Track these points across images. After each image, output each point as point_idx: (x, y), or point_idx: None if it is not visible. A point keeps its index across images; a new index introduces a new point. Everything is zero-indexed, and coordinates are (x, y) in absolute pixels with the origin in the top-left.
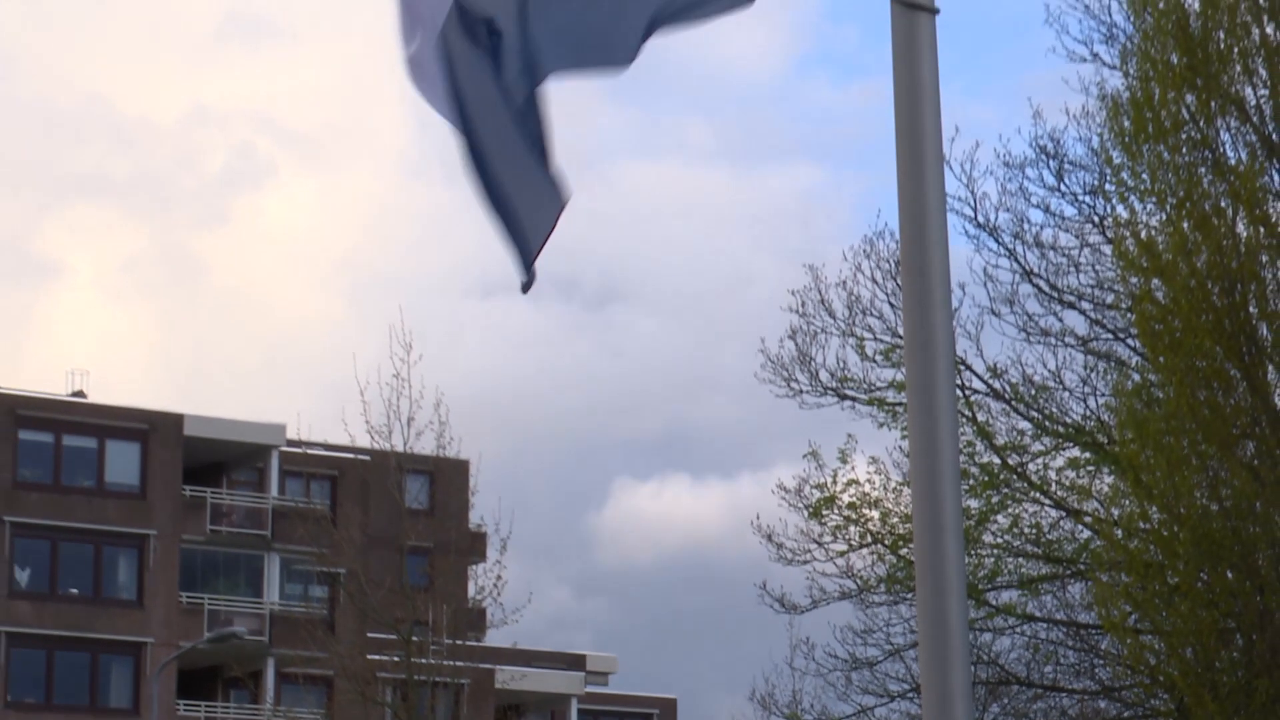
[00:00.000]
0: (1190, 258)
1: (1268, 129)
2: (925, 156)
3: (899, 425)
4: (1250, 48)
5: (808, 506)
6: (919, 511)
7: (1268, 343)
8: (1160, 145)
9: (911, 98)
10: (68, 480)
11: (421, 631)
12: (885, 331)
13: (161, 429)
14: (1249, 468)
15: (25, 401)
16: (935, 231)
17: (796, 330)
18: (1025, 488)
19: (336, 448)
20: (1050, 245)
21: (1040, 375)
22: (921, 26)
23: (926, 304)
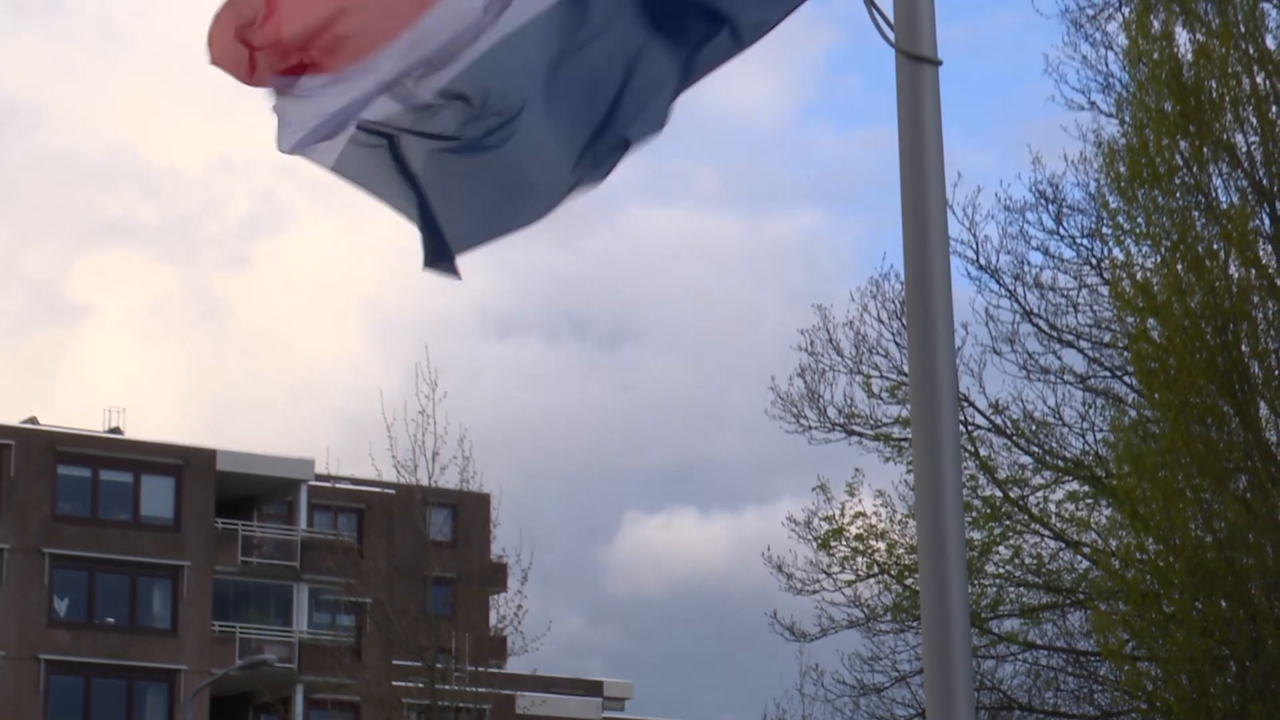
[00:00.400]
0: (1184, 298)
1: (1258, 174)
2: (929, 201)
3: (904, 460)
4: (1241, 97)
5: (817, 538)
6: (924, 543)
7: (1259, 380)
8: (1155, 190)
9: (915, 145)
10: (105, 514)
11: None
12: (891, 369)
13: (195, 464)
14: (1242, 501)
15: (64, 438)
16: (939, 273)
17: (806, 368)
18: (1026, 520)
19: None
20: (1049, 286)
21: (1040, 411)
22: (925, 77)
23: (930, 343)
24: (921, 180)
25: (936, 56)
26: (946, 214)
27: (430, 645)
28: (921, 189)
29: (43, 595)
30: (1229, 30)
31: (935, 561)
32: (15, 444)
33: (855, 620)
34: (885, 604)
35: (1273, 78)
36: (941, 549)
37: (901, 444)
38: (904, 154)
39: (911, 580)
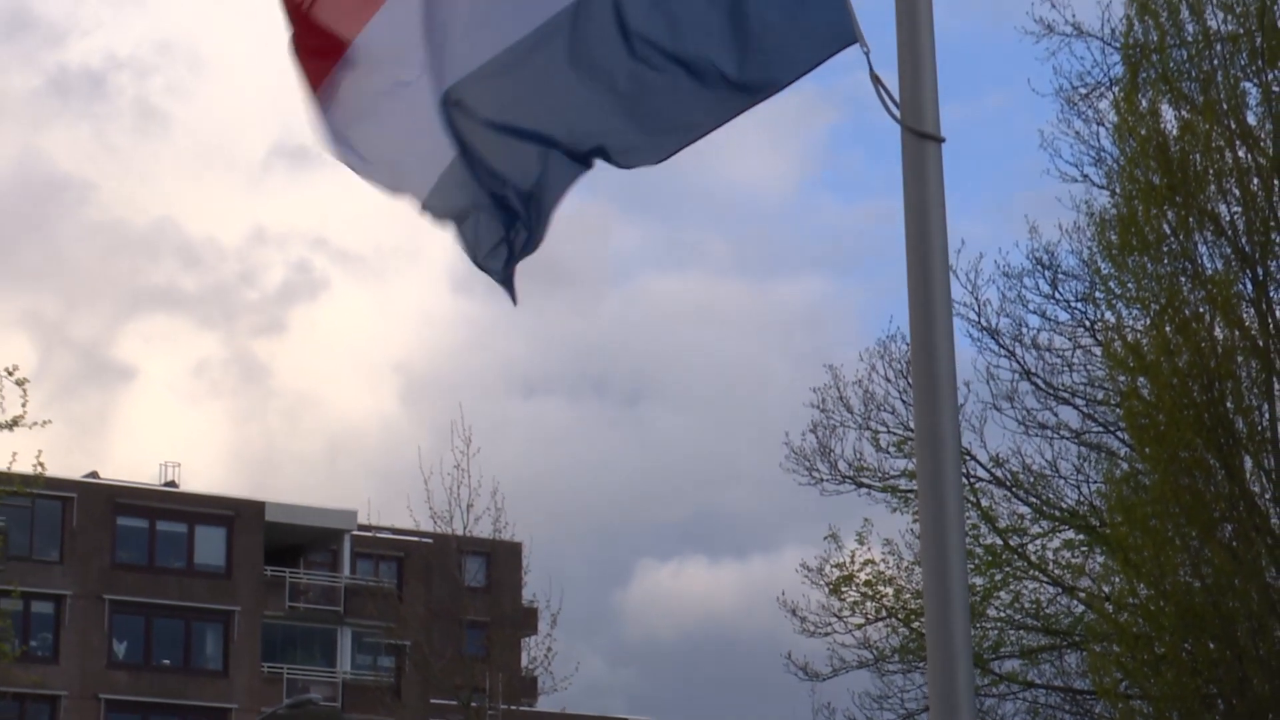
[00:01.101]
0: (1172, 358)
1: (1241, 242)
2: (933, 268)
3: (910, 510)
4: (1224, 169)
5: (829, 584)
6: (929, 588)
7: (1243, 435)
8: (1144, 257)
9: (919, 216)
10: (161, 562)
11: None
12: (898, 425)
13: (245, 515)
14: (1228, 548)
15: (123, 491)
16: (942, 335)
17: (817, 424)
18: (1025, 566)
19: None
20: (1046, 347)
21: (1038, 464)
22: (929, 153)
23: (935, 400)
24: (926, 248)
25: (940, 134)
26: (949, 279)
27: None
28: (926, 257)
29: (103, 639)
30: (1212, 107)
31: (940, 606)
32: (77, 497)
33: (865, 661)
34: (893, 646)
35: (1254, 152)
36: (946, 594)
37: (908, 495)
38: (909, 224)
39: (918, 624)
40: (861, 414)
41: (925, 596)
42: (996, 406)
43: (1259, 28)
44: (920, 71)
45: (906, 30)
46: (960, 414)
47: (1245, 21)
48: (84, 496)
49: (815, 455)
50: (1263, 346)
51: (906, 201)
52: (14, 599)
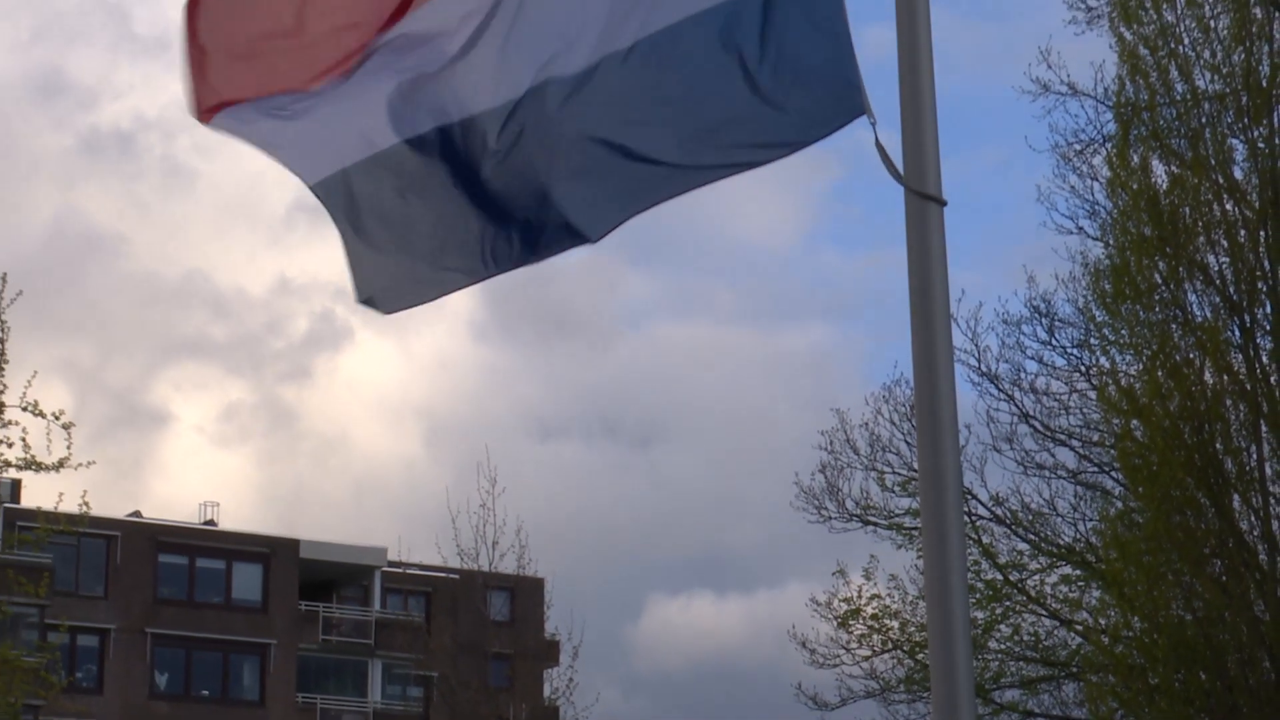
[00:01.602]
0: (1164, 402)
1: (1229, 291)
2: (935, 319)
3: (915, 547)
4: (1212, 221)
5: (837, 617)
6: (933, 622)
7: (1233, 475)
8: (1136, 305)
9: (922, 271)
10: (200, 597)
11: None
12: (902, 466)
13: (280, 552)
14: (1218, 583)
15: (164, 529)
16: (944, 380)
17: (826, 465)
18: (1024, 601)
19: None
20: (1044, 391)
21: (1036, 503)
22: (931, 214)
23: (938, 442)
24: (928, 301)
25: (941, 197)
26: (951, 328)
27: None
28: (928, 308)
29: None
30: (1201, 163)
31: (943, 638)
32: (121, 535)
33: (872, 691)
34: (899, 676)
35: (1240, 205)
36: (949, 627)
37: (912, 533)
38: (913, 279)
39: (922, 655)
40: (868, 455)
41: (929, 629)
42: (996, 448)
43: (1244, 87)
44: (922, 136)
45: (909, 96)
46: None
47: (1231, 81)
48: (127, 535)
49: (824, 495)
50: (1250, 390)
51: (910, 258)
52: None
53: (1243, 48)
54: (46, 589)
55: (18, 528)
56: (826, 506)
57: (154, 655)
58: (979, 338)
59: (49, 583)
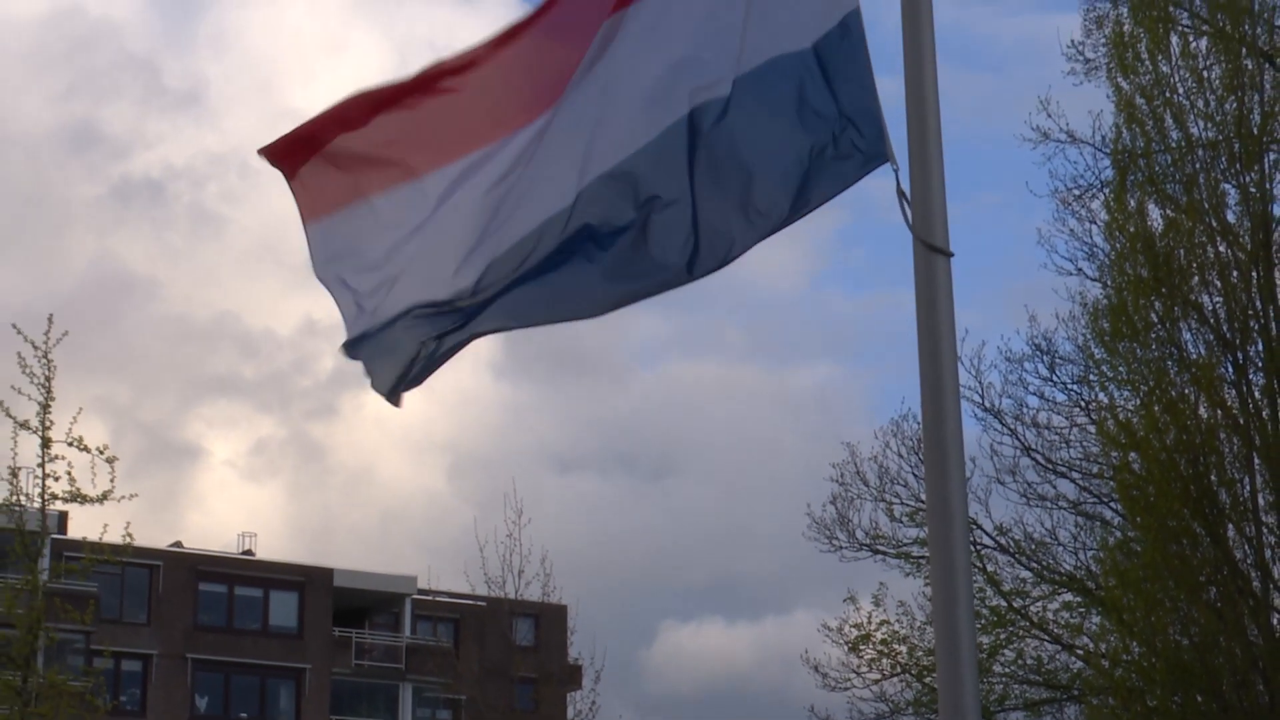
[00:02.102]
0: (1161, 435)
1: (1222, 329)
2: (942, 358)
3: (922, 575)
4: (1206, 263)
5: (848, 642)
6: (940, 646)
7: (1227, 505)
8: (1134, 343)
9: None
10: (239, 624)
11: None
12: (910, 497)
13: (315, 581)
14: (1213, 609)
15: (204, 559)
16: (950, 415)
17: (837, 497)
18: (1028, 626)
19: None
20: (1045, 426)
21: (1039, 533)
22: (938, 265)
23: (944, 474)
24: (935, 342)
25: (949, 249)
26: (957, 367)
27: None
28: (935, 349)
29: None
30: (1195, 207)
31: (950, 662)
32: (163, 564)
33: (882, 714)
34: (908, 699)
35: (1233, 247)
36: (956, 651)
37: (920, 561)
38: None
39: (930, 679)
40: (877, 487)
41: (937, 654)
42: (1000, 480)
43: (1236, 135)
44: (930, 192)
45: (917, 153)
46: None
47: (1224, 129)
48: (169, 564)
49: (835, 525)
50: (1243, 424)
51: (919, 304)
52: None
53: (1234, 97)
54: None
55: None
56: (838, 536)
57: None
58: (983, 374)
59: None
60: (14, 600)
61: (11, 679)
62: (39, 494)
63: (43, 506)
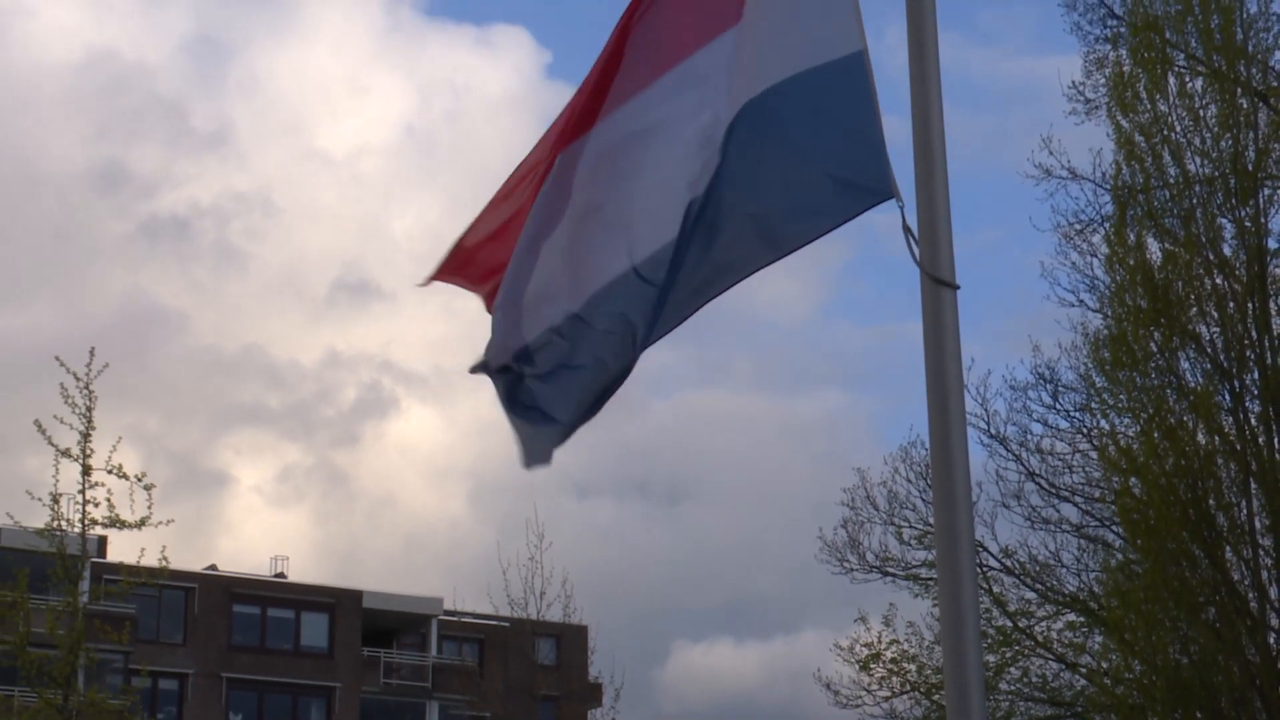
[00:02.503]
0: (1160, 461)
1: (1219, 358)
2: (948, 387)
3: (931, 596)
4: (1203, 294)
5: (858, 661)
6: (948, 665)
7: (1224, 529)
8: (1134, 372)
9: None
10: (271, 644)
11: None
12: (919, 521)
13: (344, 602)
14: (1212, 629)
15: (238, 581)
16: (957, 442)
17: (848, 521)
18: (1032, 645)
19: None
20: (1049, 452)
21: (1043, 555)
22: (945, 298)
23: (951, 498)
24: (942, 371)
25: (955, 282)
26: (964, 395)
27: None
28: (942, 378)
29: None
30: (1192, 241)
31: (958, 680)
32: (198, 587)
33: None
34: (917, 716)
35: (1229, 279)
36: (963, 670)
37: (929, 583)
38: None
39: (939, 696)
40: (886, 511)
41: (945, 672)
42: (1005, 504)
43: (1232, 171)
44: (936, 227)
45: (924, 188)
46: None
47: (1220, 165)
48: (204, 587)
49: (846, 548)
50: (1240, 450)
51: (926, 335)
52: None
53: (1230, 134)
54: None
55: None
56: (849, 559)
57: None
58: (988, 402)
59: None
60: (55, 621)
61: (53, 698)
62: (79, 519)
63: (83, 531)
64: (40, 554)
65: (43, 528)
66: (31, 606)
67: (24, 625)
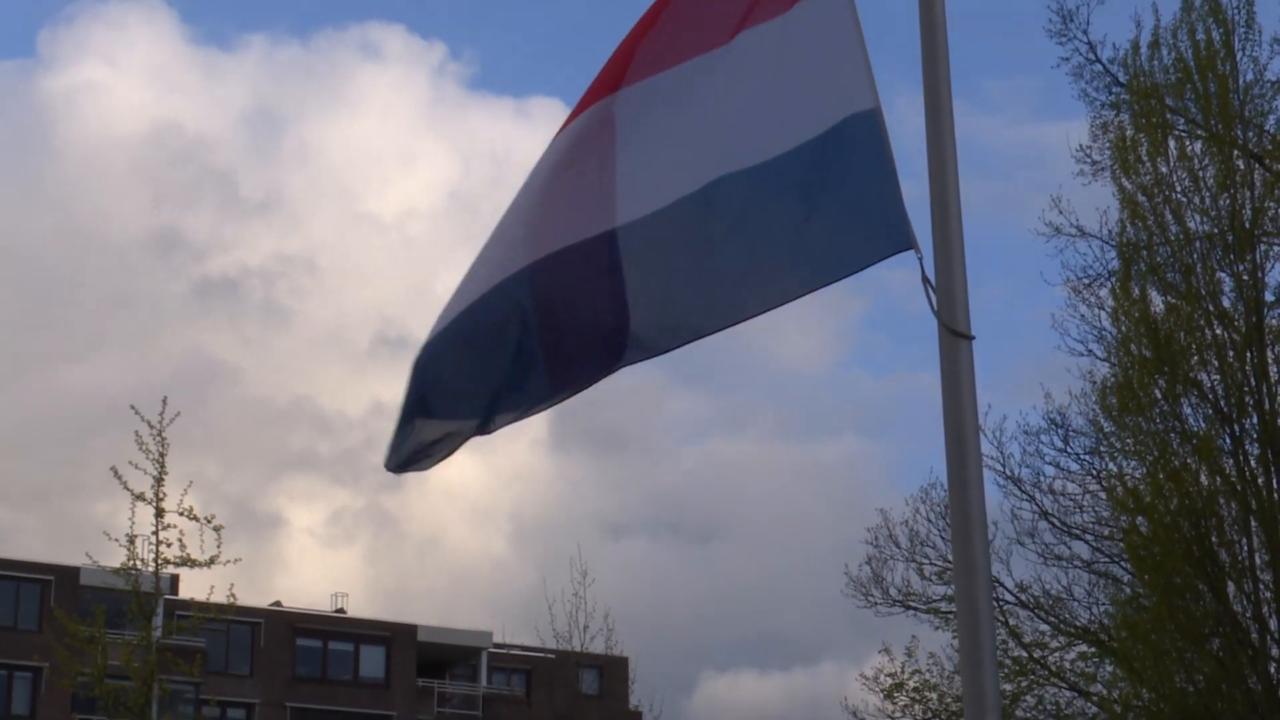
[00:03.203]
0: (1165, 501)
1: (1220, 404)
2: (965, 433)
3: (950, 628)
4: (1204, 344)
5: (883, 690)
6: (967, 694)
7: (1227, 564)
8: (1139, 417)
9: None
10: (332, 675)
11: None
12: (938, 558)
13: (400, 636)
14: (1215, 658)
15: (301, 617)
16: (974, 483)
17: (872, 558)
18: (1046, 675)
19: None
20: (1060, 492)
21: (1056, 589)
22: (962, 348)
23: (969, 536)
24: (959, 417)
25: (970, 333)
26: (979, 439)
27: None
28: (959, 423)
29: None
30: (1193, 293)
31: (977, 708)
32: (264, 622)
33: None
34: None
35: (1229, 329)
36: (981, 698)
37: (948, 615)
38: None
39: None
40: (908, 549)
41: (964, 700)
42: (1020, 542)
43: (1230, 228)
44: (952, 280)
45: (940, 244)
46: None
47: (1218, 223)
48: (269, 622)
49: (870, 583)
50: (1241, 491)
51: (944, 384)
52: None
53: (1228, 194)
54: (200, 669)
55: (176, 616)
56: (873, 593)
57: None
58: (1004, 445)
59: (202, 663)
60: (131, 655)
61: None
62: (153, 559)
63: (156, 570)
64: (117, 591)
65: (119, 567)
66: (109, 641)
67: (102, 658)
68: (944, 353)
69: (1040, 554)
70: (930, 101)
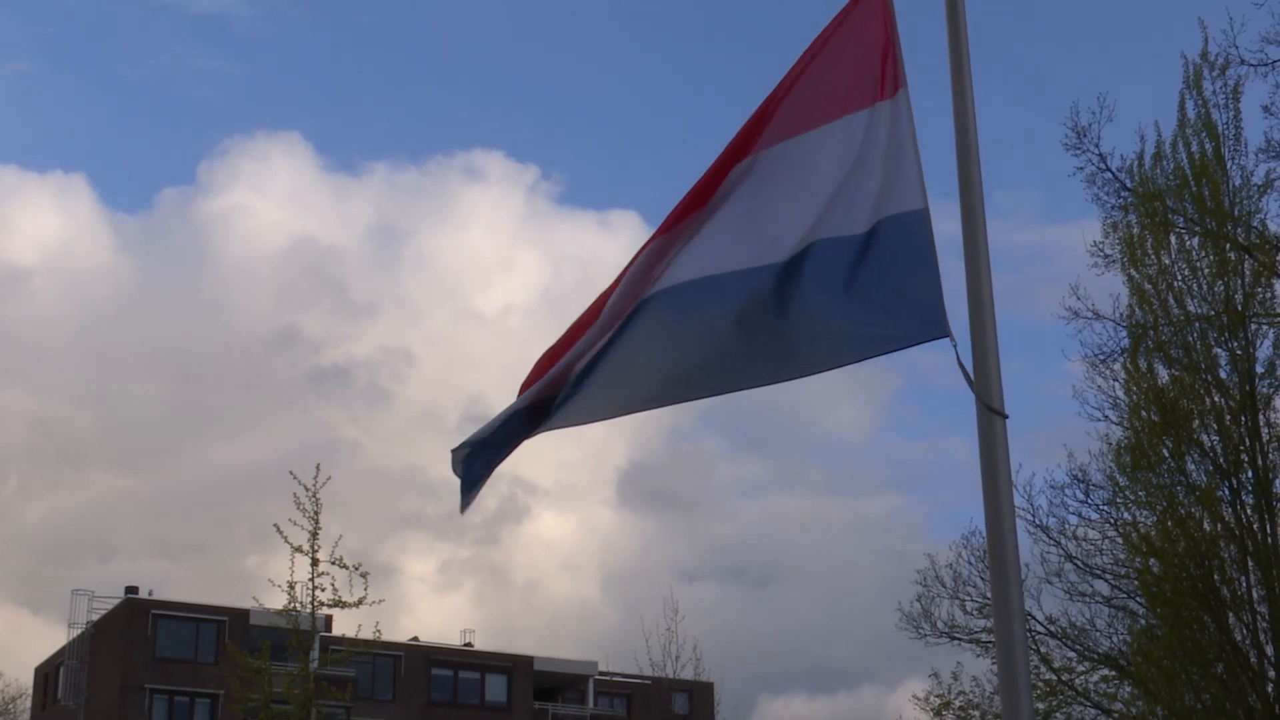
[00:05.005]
0: (1174, 545)
1: (1220, 461)
2: (1000, 489)
3: (990, 655)
4: (1204, 410)
5: (933, 709)
6: (1006, 712)
7: (1228, 599)
8: (1150, 473)
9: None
10: (462, 700)
11: None
12: (978, 595)
13: (519, 666)
14: (1220, 680)
15: (435, 650)
16: (1009, 531)
17: (921, 595)
18: (1073, 695)
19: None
20: (1082, 538)
21: (1080, 621)
22: (996, 424)
23: (1004, 577)
24: (995, 477)
25: (1004, 411)
26: (1013, 495)
27: None
28: (995, 482)
29: None
30: (1194, 367)
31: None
32: (404, 654)
33: None
34: None
35: (1225, 397)
36: (1018, 715)
37: (988, 645)
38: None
39: None
40: (952, 587)
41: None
42: (1049, 581)
43: (1225, 310)
44: (986, 362)
45: (977, 330)
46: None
47: (1215, 306)
48: (409, 654)
49: (920, 618)
50: (1239, 535)
51: (982, 453)
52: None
53: (1222, 281)
54: (350, 696)
55: (329, 650)
56: (923, 626)
57: None
58: (1033, 498)
59: (352, 691)
60: (291, 684)
61: None
62: (310, 601)
63: (313, 611)
64: (280, 629)
65: (282, 608)
66: (273, 671)
67: (267, 687)
68: (982, 427)
69: (1066, 591)
70: (965, 198)
